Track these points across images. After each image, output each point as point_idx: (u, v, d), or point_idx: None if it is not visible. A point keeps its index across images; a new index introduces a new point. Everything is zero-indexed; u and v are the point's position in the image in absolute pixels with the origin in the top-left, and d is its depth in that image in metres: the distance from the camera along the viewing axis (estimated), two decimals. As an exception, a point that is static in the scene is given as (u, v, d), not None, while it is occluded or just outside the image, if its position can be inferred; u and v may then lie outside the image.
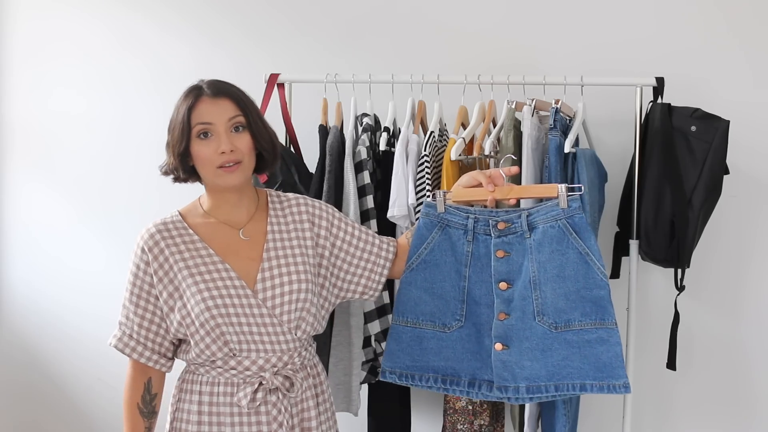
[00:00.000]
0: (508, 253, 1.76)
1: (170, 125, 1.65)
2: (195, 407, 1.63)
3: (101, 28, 2.85)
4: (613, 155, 2.42)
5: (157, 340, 1.65)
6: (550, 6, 2.57)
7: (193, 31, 2.79)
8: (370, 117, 2.26)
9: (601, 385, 1.71)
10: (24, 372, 2.98)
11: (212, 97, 1.61)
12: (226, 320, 1.59)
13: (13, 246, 2.96)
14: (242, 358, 1.62)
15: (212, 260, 1.63)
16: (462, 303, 1.79)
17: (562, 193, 1.71)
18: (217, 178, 1.62)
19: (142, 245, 1.64)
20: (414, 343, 1.81)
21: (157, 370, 1.67)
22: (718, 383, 2.55)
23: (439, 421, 2.45)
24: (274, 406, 1.62)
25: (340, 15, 2.70)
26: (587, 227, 1.72)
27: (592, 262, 1.71)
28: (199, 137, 1.60)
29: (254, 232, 1.69)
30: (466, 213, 1.79)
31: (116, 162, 2.87)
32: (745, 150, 2.41)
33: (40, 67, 2.90)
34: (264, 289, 1.63)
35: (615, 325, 1.71)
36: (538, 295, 1.73)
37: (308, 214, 1.74)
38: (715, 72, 2.48)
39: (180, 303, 1.61)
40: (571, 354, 1.72)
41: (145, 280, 1.63)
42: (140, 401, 1.66)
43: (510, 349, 1.75)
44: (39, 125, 2.92)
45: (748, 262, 2.51)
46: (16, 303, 2.98)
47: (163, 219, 1.69)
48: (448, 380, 1.81)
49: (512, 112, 2.10)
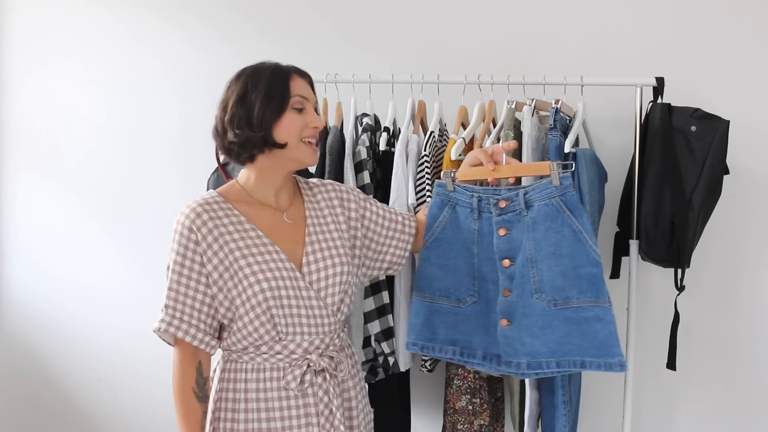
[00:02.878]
0: (509, 231, 1.80)
1: (248, 99, 1.61)
2: (241, 395, 1.63)
3: (104, 27, 2.85)
4: (613, 155, 2.42)
5: (207, 321, 1.62)
6: (550, 6, 2.57)
7: (193, 31, 2.79)
8: (370, 117, 2.26)
9: (599, 363, 1.73)
10: (24, 372, 2.98)
11: (301, 76, 1.67)
12: (277, 302, 1.60)
13: (14, 247, 2.96)
14: (288, 342, 1.63)
15: (262, 242, 1.63)
16: (474, 279, 1.85)
17: (554, 171, 1.74)
18: (299, 151, 1.64)
19: (189, 225, 1.60)
20: (433, 316, 1.88)
21: (206, 353, 1.64)
22: (718, 383, 2.55)
23: (439, 421, 2.45)
24: (320, 387, 1.65)
25: (340, 15, 2.70)
26: (579, 205, 1.74)
27: (585, 240, 1.73)
28: (294, 109, 1.63)
29: (295, 216, 1.72)
30: (471, 192, 1.84)
31: (116, 163, 2.87)
32: (745, 150, 2.41)
33: (40, 67, 2.90)
34: (309, 273, 1.66)
35: (609, 303, 1.72)
36: (535, 273, 1.76)
37: (338, 198, 1.79)
38: (715, 72, 2.48)
39: (231, 283, 1.60)
40: (571, 331, 1.74)
41: (194, 260, 1.60)
42: (195, 386, 1.63)
43: (512, 325, 1.79)
44: (39, 126, 2.92)
45: (748, 262, 2.51)
46: (16, 303, 2.98)
47: (203, 197, 1.66)
48: (465, 353, 1.88)
49: (512, 112, 2.10)
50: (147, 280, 2.85)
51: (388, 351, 2.12)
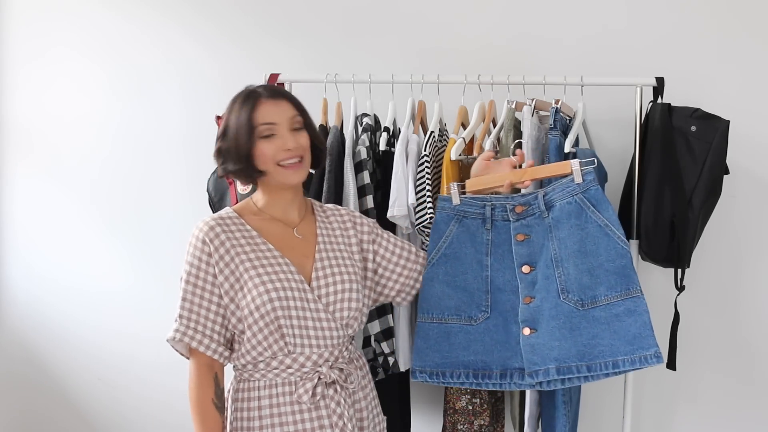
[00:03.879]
0: (528, 236, 1.77)
1: (228, 132, 1.67)
2: (255, 413, 1.65)
3: (106, 25, 2.85)
4: (613, 155, 2.42)
5: (221, 332, 1.66)
6: (550, 6, 2.57)
7: (195, 29, 2.79)
8: (370, 117, 2.26)
9: (633, 359, 1.67)
10: (23, 373, 2.98)
11: (271, 98, 1.66)
12: (285, 313, 1.62)
13: (13, 248, 2.96)
14: (297, 355, 1.65)
15: (272, 254, 1.67)
16: (486, 293, 1.80)
17: (576, 168, 1.72)
18: (279, 175, 1.67)
19: (202, 237, 1.65)
20: (441, 339, 1.81)
21: (220, 364, 1.68)
22: (718, 383, 2.55)
23: (439, 421, 2.45)
24: (332, 399, 1.66)
25: (340, 15, 2.70)
26: (604, 198, 1.72)
27: (612, 233, 1.70)
28: (263, 137, 1.65)
29: (306, 232, 1.75)
30: (482, 201, 1.81)
31: (117, 163, 2.87)
32: (745, 150, 2.41)
33: (41, 66, 2.90)
34: (319, 287, 1.68)
35: (641, 292, 1.69)
36: (561, 273, 1.72)
37: (351, 221, 1.82)
38: (715, 72, 2.48)
39: (240, 294, 1.64)
40: (600, 332, 1.69)
41: (208, 271, 1.64)
42: (214, 397, 1.65)
43: (538, 332, 1.73)
44: (39, 126, 2.92)
45: (748, 262, 2.51)
46: (16, 303, 2.98)
47: (218, 214, 1.72)
48: (479, 374, 1.79)
49: (512, 112, 2.10)
50: (149, 281, 2.85)
51: (388, 351, 2.12)
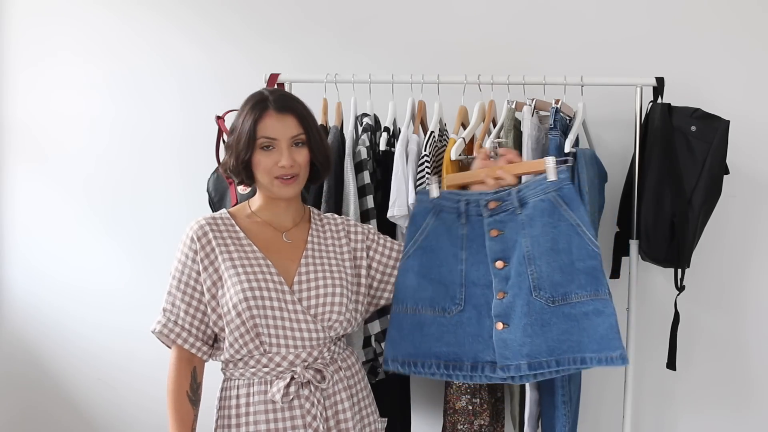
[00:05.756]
0: (502, 232, 1.77)
1: (234, 131, 1.71)
2: (234, 411, 1.69)
3: (105, 26, 2.85)
4: (613, 155, 2.42)
5: (201, 327, 1.70)
6: (550, 6, 2.57)
7: (194, 30, 2.79)
8: (370, 117, 2.26)
9: (600, 358, 1.68)
10: (24, 372, 2.98)
11: (278, 112, 1.68)
12: (261, 312, 1.64)
13: (13, 247, 2.96)
14: (273, 354, 1.67)
15: (255, 255, 1.70)
16: (461, 286, 1.80)
17: (550, 166, 1.72)
18: (273, 187, 1.70)
19: (191, 235, 1.70)
20: (415, 329, 1.81)
21: (200, 359, 1.71)
22: (718, 383, 2.55)
23: (439, 421, 2.45)
24: (306, 399, 1.67)
25: (340, 15, 2.70)
26: (577, 198, 1.72)
27: (583, 233, 1.70)
28: (262, 149, 1.67)
29: (296, 237, 1.77)
30: (457, 196, 1.81)
31: (117, 164, 2.87)
32: (745, 150, 2.42)
33: (41, 66, 2.90)
34: (300, 290, 1.70)
35: (609, 296, 1.69)
36: (534, 270, 1.73)
37: (344, 230, 1.84)
38: (715, 72, 2.48)
39: (221, 292, 1.67)
40: (570, 327, 1.70)
41: (193, 268, 1.69)
42: (189, 389, 1.69)
43: (510, 327, 1.74)
44: (38, 125, 2.92)
45: (748, 262, 2.51)
46: (16, 303, 2.98)
47: (212, 214, 1.77)
48: (450, 365, 1.79)
49: (512, 112, 2.10)
50: (147, 279, 2.85)
51: (388, 351, 2.12)
